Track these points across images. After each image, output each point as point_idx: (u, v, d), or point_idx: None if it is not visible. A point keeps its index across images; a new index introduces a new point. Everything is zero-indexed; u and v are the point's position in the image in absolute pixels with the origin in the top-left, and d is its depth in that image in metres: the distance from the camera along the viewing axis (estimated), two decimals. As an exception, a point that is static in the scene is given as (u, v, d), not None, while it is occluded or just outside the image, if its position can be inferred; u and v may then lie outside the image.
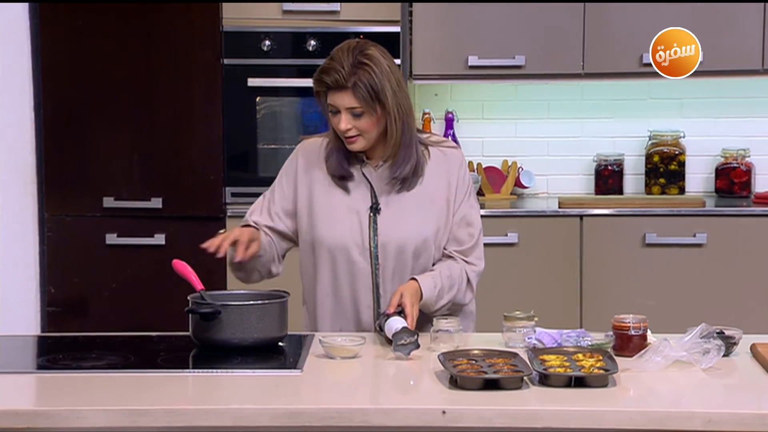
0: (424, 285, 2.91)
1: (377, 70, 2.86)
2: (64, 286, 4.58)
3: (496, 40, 4.61)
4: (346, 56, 2.87)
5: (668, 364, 2.58)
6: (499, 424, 2.31)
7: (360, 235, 2.94)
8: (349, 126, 2.89)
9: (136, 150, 4.55)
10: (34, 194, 4.58)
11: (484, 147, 4.98)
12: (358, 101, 2.86)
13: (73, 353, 2.76)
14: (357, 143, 2.92)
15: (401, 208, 2.95)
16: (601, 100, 4.94)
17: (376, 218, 2.95)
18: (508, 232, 4.52)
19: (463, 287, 2.99)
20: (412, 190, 2.96)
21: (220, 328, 2.71)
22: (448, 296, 2.96)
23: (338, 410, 2.33)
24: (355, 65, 2.86)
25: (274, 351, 2.78)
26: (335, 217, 2.95)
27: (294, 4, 4.52)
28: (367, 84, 2.85)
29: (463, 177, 3.02)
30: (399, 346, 2.65)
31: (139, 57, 4.52)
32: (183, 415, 2.33)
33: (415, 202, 2.96)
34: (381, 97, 2.87)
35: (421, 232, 2.96)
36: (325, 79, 2.88)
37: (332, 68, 2.87)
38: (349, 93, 2.86)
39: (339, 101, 2.88)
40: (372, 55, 2.88)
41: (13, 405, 2.40)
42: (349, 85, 2.85)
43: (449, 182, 2.99)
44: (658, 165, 4.86)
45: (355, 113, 2.88)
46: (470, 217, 3.01)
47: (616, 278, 4.50)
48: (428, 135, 3.06)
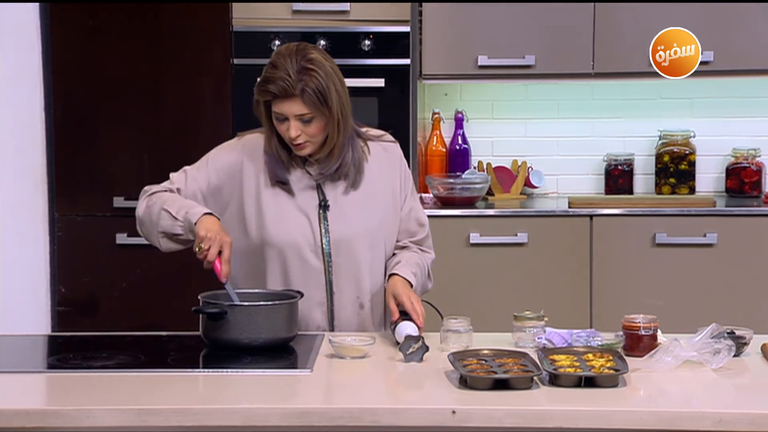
0: (407, 276, 2.94)
1: (323, 74, 2.85)
2: (75, 285, 4.59)
3: (506, 39, 4.61)
4: (289, 63, 2.84)
5: (679, 364, 2.57)
6: (508, 424, 2.31)
7: (311, 234, 2.94)
8: (298, 133, 2.87)
9: (146, 149, 4.55)
10: (45, 194, 4.59)
11: (494, 147, 4.98)
12: (308, 107, 2.84)
13: (83, 353, 2.77)
14: (306, 149, 2.91)
15: (349, 204, 2.96)
16: (611, 99, 4.93)
17: (326, 215, 2.95)
18: (518, 232, 4.51)
19: (426, 274, 3.06)
20: (356, 186, 2.96)
21: (228, 328, 2.71)
22: (420, 281, 3.01)
23: (348, 410, 2.33)
24: (300, 71, 2.83)
25: (283, 351, 2.78)
26: (285, 217, 2.94)
27: (304, 3, 4.52)
28: (315, 89, 2.83)
29: (405, 170, 3.06)
30: (409, 356, 2.65)
31: (150, 57, 4.52)
32: (193, 414, 2.33)
33: (362, 197, 2.97)
34: (329, 100, 2.86)
35: (371, 227, 2.97)
36: (271, 89, 2.84)
37: (278, 77, 2.83)
38: (298, 100, 2.84)
39: (287, 109, 2.85)
40: (315, 58, 2.87)
41: (23, 404, 2.40)
42: (296, 92, 2.83)
43: (392, 176, 3.02)
44: (668, 165, 4.85)
45: (304, 120, 2.86)
46: (417, 209, 3.07)
47: (626, 278, 4.50)
48: (366, 129, 3.06)
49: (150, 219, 2.92)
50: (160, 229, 2.90)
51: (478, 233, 4.51)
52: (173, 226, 2.88)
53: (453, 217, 4.54)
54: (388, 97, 4.57)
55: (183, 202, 2.91)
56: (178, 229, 2.88)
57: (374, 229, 2.98)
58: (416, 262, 3.01)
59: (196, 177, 2.98)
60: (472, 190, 4.64)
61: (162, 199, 2.92)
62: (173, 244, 2.93)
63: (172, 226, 2.88)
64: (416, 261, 3.01)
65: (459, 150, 4.91)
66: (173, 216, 2.88)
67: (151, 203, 2.93)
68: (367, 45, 4.54)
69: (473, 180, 4.68)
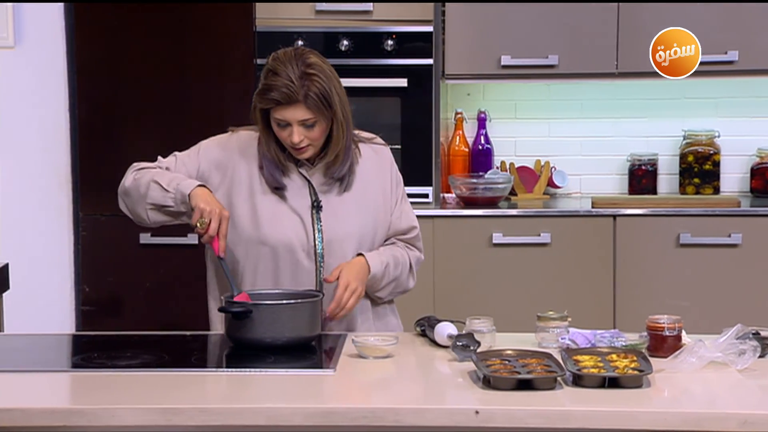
0: (371, 259, 2.92)
1: (324, 77, 2.86)
2: (99, 285, 4.61)
3: (529, 39, 4.60)
4: (291, 69, 2.84)
5: (703, 364, 2.56)
6: (532, 424, 2.30)
7: (305, 235, 2.93)
8: (301, 138, 2.87)
9: (170, 149, 4.52)
10: (69, 194, 4.62)
11: (517, 147, 4.97)
12: (312, 112, 2.85)
13: (107, 352, 2.77)
14: (307, 152, 2.91)
15: (341, 205, 2.96)
16: (635, 99, 4.92)
17: (319, 216, 2.95)
18: (541, 232, 4.50)
19: (407, 269, 3.03)
20: (348, 187, 2.96)
21: (252, 328, 2.71)
22: (394, 273, 2.98)
23: (371, 410, 2.33)
24: (302, 77, 2.84)
25: (306, 350, 2.78)
26: (279, 218, 2.93)
27: (327, 4, 4.52)
28: (318, 93, 2.84)
29: (396, 174, 3.06)
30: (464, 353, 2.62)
31: (173, 57, 4.54)
32: (217, 414, 2.34)
33: (354, 199, 2.97)
34: (332, 103, 2.87)
35: (364, 228, 2.97)
36: (274, 96, 2.84)
37: (280, 84, 2.83)
38: (302, 106, 2.84)
39: (290, 115, 2.85)
40: (315, 63, 2.88)
41: (48, 403, 2.41)
42: (300, 98, 2.83)
43: (383, 178, 3.02)
44: (692, 165, 4.83)
45: (307, 124, 2.86)
46: (408, 212, 3.06)
47: (650, 279, 4.48)
48: (358, 132, 3.06)
49: (138, 191, 2.90)
50: (150, 200, 2.88)
51: (501, 233, 4.51)
52: (164, 197, 2.87)
53: (476, 217, 4.54)
54: (410, 97, 4.57)
55: (173, 175, 2.91)
56: (168, 201, 2.87)
57: (366, 230, 2.97)
58: (393, 254, 2.99)
59: (185, 162, 2.98)
60: (495, 190, 4.63)
61: (151, 173, 2.92)
62: (162, 216, 2.91)
63: (163, 198, 2.87)
64: (393, 253, 3.00)
65: (482, 150, 4.91)
66: (163, 188, 2.87)
67: (139, 176, 2.93)
68: (390, 45, 4.54)
69: (496, 180, 4.67)
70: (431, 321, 2.86)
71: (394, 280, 2.99)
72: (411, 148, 4.59)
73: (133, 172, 2.97)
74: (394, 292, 3.03)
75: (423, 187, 4.59)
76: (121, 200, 2.98)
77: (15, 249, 4.41)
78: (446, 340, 2.76)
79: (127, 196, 2.95)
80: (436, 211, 4.54)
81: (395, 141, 4.61)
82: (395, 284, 3.01)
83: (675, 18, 4.51)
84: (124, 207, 2.98)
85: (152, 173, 2.92)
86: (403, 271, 3.01)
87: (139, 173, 2.95)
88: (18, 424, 2.33)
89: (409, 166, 4.59)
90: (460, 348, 2.64)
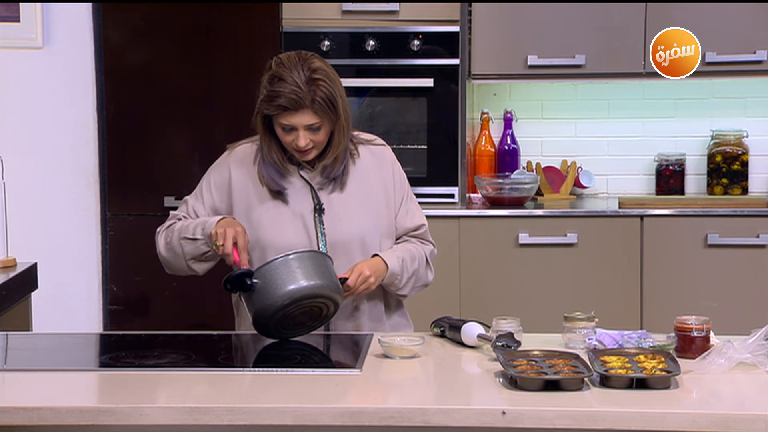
0: (387, 257, 2.92)
1: (329, 81, 2.88)
2: (126, 284, 4.63)
3: (556, 39, 4.58)
4: (297, 75, 2.86)
5: (732, 366, 2.55)
6: (559, 425, 2.29)
7: (307, 238, 2.94)
8: (307, 142, 2.88)
9: (197, 149, 4.58)
10: (97, 194, 4.64)
11: (544, 147, 4.96)
12: (319, 116, 2.86)
13: (135, 351, 2.79)
14: (311, 154, 2.93)
15: (343, 206, 2.96)
16: (663, 99, 4.89)
17: (322, 218, 2.95)
18: (568, 233, 4.49)
19: (424, 263, 3.03)
20: (346, 189, 2.96)
21: (264, 293, 2.70)
22: (412, 268, 2.97)
23: (398, 410, 2.33)
24: (309, 82, 2.85)
25: (333, 351, 2.79)
26: (280, 223, 2.94)
27: (353, 4, 4.53)
28: (325, 98, 2.86)
29: (398, 172, 3.05)
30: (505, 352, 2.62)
31: (200, 57, 4.55)
32: (244, 413, 2.34)
33: (355, 199, 2.97)
34: (337, 106, 2.88)
35: (366, 228, 2.97)
36: (282, 103, 2.85)
37: (288, 90, 2.85)
38: (309, 111, 2.85)
39: (297, 120, 2.86)
40: (320, 67, 2.89)
41: (77, 402, 2.43)
42: (307, 103, 2.85)
43: (384, 179, 3.01)
44: (720, 165, 4.80)
45: (313, 128, 2.88)
46: (414, 210, 3.06)
47: (677, 279, 4.46)
48: (358, 133, 3.06)
49: (174, 253, 2.97)
50: (188, 256, 2.95)
51: (528, 233, 4.50)
52: (197, 248, 2.93)
53: (502, 217, 4.53)
54: (437, 96, 4.56)
55: (195, 222, 2.96)
56: (203, 248, 2.92)
57: (369, 231, 2.97)
58: (407, 248, 3.00)
59: (195, 206, 3.03)
60: (521, 190, 4.62)
61: (175, 229, 2.98)
62: (206, 263, 2.98)
63: (197, 248, 2.93)
64: (408, 248, 3.00)
65: (508, 150, 4.90)
66: (192, 239, 2.92)
67: (169, 239, 2.98)
68: (416, 45, 4.54)
69: (522, 180, 4.66)
70: (450, 322, 2.85)
71: (413, 274, 3.00)
72: (437, 148, 4.59)
73: (161, 236, 3.02)
74: (416, 286, 3.03)
75: (449, 187, 4.59)
76: (166, 267, 3.04)
77: (43, 249, 4.44)
78: (475, 340, 2.75)
79: (168, 262, 3.01)
80: (462, 212, 4.53)
81: (421, 141, 4.61)
82: (415, 278, 3.01)
83: (702, 18, 4.50)
84: (172, 271, 3.03)
85: (177, 230, 2.97)
86: (420, 264, 3.02)
87: (166, 234, 2.99)
88: (47, 422, 2.35)
89: (435, 166, 4.59)
90: (500, 348, 2.63)
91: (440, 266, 4.49)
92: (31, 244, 4.38)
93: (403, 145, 4.61)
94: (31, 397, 2.45)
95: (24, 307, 3.65)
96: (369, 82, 4.60)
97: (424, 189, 4.58)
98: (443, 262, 4.50)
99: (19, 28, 4.54)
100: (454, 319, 2.87)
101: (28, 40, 4.55)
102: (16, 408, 2.36)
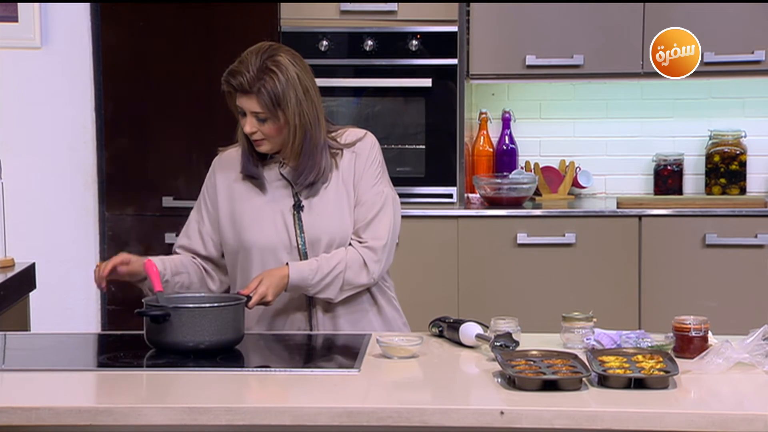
0: (293, 266, 2.87)
1: (282, 78, 2.86)
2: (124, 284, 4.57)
3: (555, 39, 4.58)
4: (253, 60, 2.87)
5: (730, 366, 2.55)
6: (558, 425, 2.30)
7: (287, 235, 2.94)
8: (254, 129, 2.90)
9: (195, 149, 4.58)
10: (95, 193, 4.64)
11: (542, 147, 4.96)
12: (261, 107, 2.87)
13: (133, 351, 2.78)
14: (263, 146, 2.93)
15: (321, 203, 2.96)
16: (661, 99, 4.90)
17: (300, 216, 2.95)
18: (566, 233, 4.49)
19: (355, 266, 2.92)
20: (327, 188, 2.95)
21: (171, 331, 2.67)
22: (332, 273, 2.89)
23: (396, 410, 2.33)
24: (261, 70, 2.86)
25: (331, 351, 2.79)
26: (260, 221, 2.95)
27: (351, 4, 4.53)
28: (270, 91, 2.85)
29: (367, 164, 2.97)
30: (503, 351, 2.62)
31: (199, 57, 4.55)
32: (242, 413, 2.34)
33: (334, 196, 2.96)
34: (282, 105, 2.87)
35: (344, 224, 2.96)
36: (231, 82, 2.88)
37: (239, 71, 2.87)
38: (254, 98, 2.87)
39: (245, 104, 2.89)
40: (280, 61, 2.88)
41: (75, 402, 2.43)
42: (253, 90, 2.86)
43: (355, 175, 2.97)
44: (718, 165, 4.80)
45: (260, 118, 2.88)
46: (366, 197, 2.97)
47: (675, 279, 4.46)
48: (341, 131, 2.99)
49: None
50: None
51: (526, 233, 4.50)
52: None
53: (500, 217, 4.53)
54: (435, 97, 4.56)
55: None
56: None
57: (345, 226, 2.96)
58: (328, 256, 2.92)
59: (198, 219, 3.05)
60: (520, 190, 4.63)
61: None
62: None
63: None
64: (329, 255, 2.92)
65: (506, 150, 4.90)
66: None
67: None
68: (415, 45, 4.54)
69: (521, 180, 4.66)
70: (448, 321, 2.85)
71: (333, 279, 2.91)
72: (435, 148, 4.59)
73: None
74: (345, 290, 2.95)
75: (447, 188, 4.59)
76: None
77: (41, 248, 4.43)
78: (473, 340, 2.75)
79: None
80: (461, 212, 4.53)
81: (419, 141, 4.61)
82: (340, 283, 2.92)
83: (700, 18, 4.50)
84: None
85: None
86: (348, 268, 2.92)
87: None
88: (45, 422, 2.35)
89: (434, 166, 4.59)
90: (498, 348, 2.63)
91: (438, 266, 4.51)
92: (30, 244, 4.38)
93: (401, 145, 4.61)
94: (29, 397, 2.45)
95: (22, 307, 3.65)
96: (367, 82, 4.60)
97: (422, 189, 4.58)
98: (441, 262, 4.51)
99: (18, 28, 4.54)
100: (452, 319, 2.87)
101: (26, 40, 4.54)
102: (14, 408, 2.36)
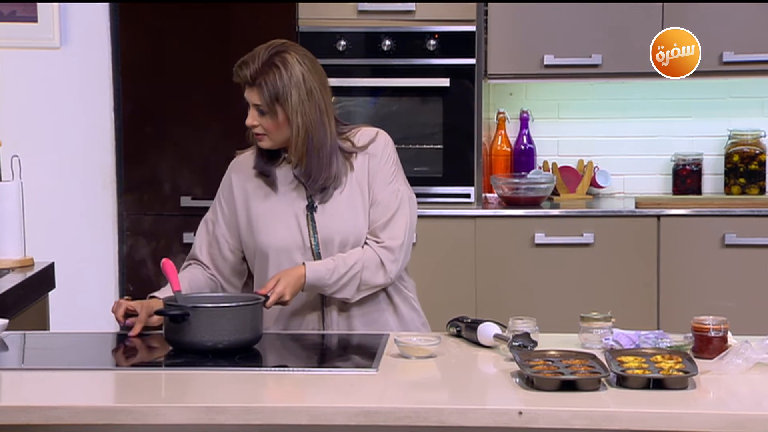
0: (311, 267, 2.87)
1: (285, 75, 2.86)
2: (143, 283, 4.63)
3: (573, 39, 4.57)
4: (262, 53, 2.88)
5: (749, 366, 2.54)
6: (576, 425, 2.29)
7: (300, 236, 2.94)
8: (254, 122, 2.91)
9: (214, 150, 4.59)
10: (113, 193, 4.66)
11: (560, 146, 4.95)
12: (261, 100, 2.88)
13: (151, 350, 2.79)
14: (263, 141, 2.94)
15: (335, 204, 2.96)
16: (680, 99, 4.88)
17: (314, 216, 2.95)
18: (584, 233, 4.48)
19: (372, 266, 2.92)
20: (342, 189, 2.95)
21: (190, 331, 2.68)
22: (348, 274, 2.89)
23: (414, 410, 2.33)
24: (266, 64, 2.87)
25: (349, 350, 2.78)
26: (274, 222, 2.95)
27: (369, 4, 4.53)
28: (271, 87, 2.86)
29: (381, 163, 2.97)
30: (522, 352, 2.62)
31: (217, 57, 4.56)
32: (259, 413, 2.35)
33: (348, 197, 2.96)
34: (282, 103, 2.87)
35: (357, 225, 2.95)
36: (239, 73, 2.91)
37: (246, 63, 2.89)
38: (255, 90, 2.89)
39: (249, 96, 2.91)
40: (287, 59, 2.88)
41: (94, 401, 2.44)
42: (256, 82, 2.87)
43: (369, 174, 2.97)
44: (737, 165, 4.78)
45: (260, 110, 2.90)
46: (382, 196, 2.96)
47: (694, 279, 4.44)
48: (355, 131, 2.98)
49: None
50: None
51: (544, 233, 4.49)
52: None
53: (518, 217, 4.52)
54: (453, 96, 4.56)
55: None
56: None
57: (359, 226, 2.96)
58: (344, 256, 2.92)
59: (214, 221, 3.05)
60: (537, 190, 4.62)
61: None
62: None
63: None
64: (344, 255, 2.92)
65: (524, 150, 4.89)
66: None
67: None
68: (433, 45, 4.54)
69: (538, 180, 4.65)
70: (466, 321, 2.85)
71: (349, 279, 2.91)
72: (453, 148, 4.59)
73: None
74: (362, 290, 2.95)
75: (465, 187, 4.58)
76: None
77: (60, 248, 4.45)
78: (491, 340, 2.75)
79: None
80: (478, 211, 4.53)
81: (437, 141, 4.60)
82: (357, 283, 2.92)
83: (719, 17, 4.48)
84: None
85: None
86: (365, 268, 2.92)
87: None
88: (64, 421, 2.36)
89: (451, 165, 4.59)
90: (517, 348, 2.63)
91: (456, 266, 4.51)
92: (49, 244, 4.39)
93: (418, 145, 4.61)
94: (48, 396, 2.46)
95: (41, 307, 3.66)
96: (385, 81, 4.60)
97: (439, 189, 4.57)
98: (459, 262, 4.50)
99: (37, 28, 4.56)
100: (470, 319, 2.86)
101: (45, 40, 4.56)
102: (34, 407, 2.37)
